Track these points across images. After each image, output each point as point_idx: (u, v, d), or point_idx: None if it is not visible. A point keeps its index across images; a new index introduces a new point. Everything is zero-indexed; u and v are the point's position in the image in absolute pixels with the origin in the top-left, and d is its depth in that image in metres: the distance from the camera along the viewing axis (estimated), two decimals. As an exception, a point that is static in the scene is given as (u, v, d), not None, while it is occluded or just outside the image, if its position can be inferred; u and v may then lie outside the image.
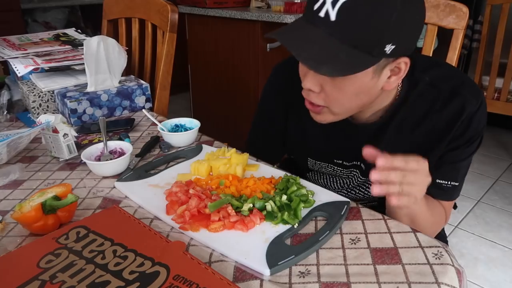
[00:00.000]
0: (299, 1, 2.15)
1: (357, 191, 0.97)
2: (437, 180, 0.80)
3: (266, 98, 0.98)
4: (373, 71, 0.66)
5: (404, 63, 0.68)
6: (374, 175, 0.60)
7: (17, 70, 1.20)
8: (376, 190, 0.59)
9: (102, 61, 1.20)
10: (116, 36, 1.46)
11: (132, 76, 1.36)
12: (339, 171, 0.93)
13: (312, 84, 0.69)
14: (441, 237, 1.02)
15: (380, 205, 0.94)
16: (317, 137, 0.90)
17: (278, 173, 0.84)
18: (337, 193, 0.76)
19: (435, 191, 0.81)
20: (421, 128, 0.79)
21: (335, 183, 0.99)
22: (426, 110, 0.78)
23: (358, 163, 0.89)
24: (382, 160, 0.60)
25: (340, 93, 0.68)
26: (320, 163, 0.95)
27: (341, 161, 0.90)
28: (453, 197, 0.84)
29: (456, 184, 0.81)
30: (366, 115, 0.80)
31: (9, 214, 0.74)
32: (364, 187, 0.96)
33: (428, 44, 1.07)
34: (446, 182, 0.80)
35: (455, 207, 1.08)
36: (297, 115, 0.91)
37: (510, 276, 1.72)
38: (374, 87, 0.69)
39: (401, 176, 0.60)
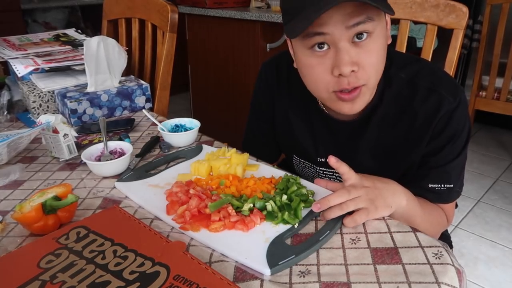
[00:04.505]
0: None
1: None
2: (430, 185, 0.80)
3: (256, 95, 1.00)
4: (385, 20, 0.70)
5: (387, 14, 0.72)
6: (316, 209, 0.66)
7: (17, 70, 1.20)
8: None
9: (102, 61, 1.20)
10: (116, 36, 1.46)
11: (132, 76, 1.36)
12: (321, 172, 0.93)
13: (350, 64, 0.67)
14: (445, 238, 1.02)
15: None
16: (301, 132, 0.91)
17: (278, 173, 0.84)
18: None
19: (430, 196, 0.81)
20: (400, 125, 0.80)
21: None
22: (404, 107, 0.79)
23: None
24: (316, 206, 0.66)
25: (374, 55, 0.69)
26: (304, 162, 0.95)
27: (324, 159, 0.91)
28: (451, 199, 0.83)
29: (451, 186, 0.80)
30: None
31: (9, 214, 0.74)
32: None
33: (428, 44, 1.07)
34: (439, 186, 0.80)
35: (455, 206, 1.09)
36: (283, 109, 0.93)
37: (510, 275, 1.72)
38: (387, 42, 0.72)
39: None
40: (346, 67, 0.66)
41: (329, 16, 0.64)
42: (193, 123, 1.05)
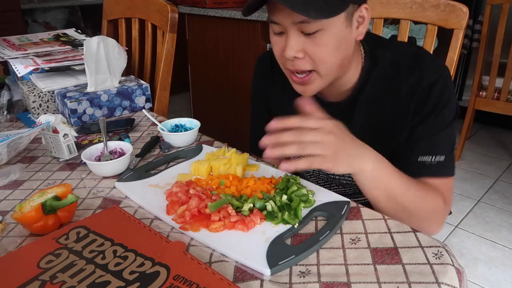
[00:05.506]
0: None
1: (347, 189, 0.98)
2: (419, 159, 0.78)
3: (253, 89, 1.04)
4: (345, 19, 0.72)
5: (365, 9, 0.75)
6: (264, 140, 0.64)
7: (17, 70, 1.20)
8: (267, 154, 0.64)
9: (102, 61, 1.20)
10: (116, 36, 1.46)
11: (132, 76, 1.36)
12: None
13: (295, 51, 0.72)
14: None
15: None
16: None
17: (278, 173, 0.84)
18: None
19: (421, 171, 0.79)
20: (387, 103, 0.82)
21: (324, 183, 1.00)
22: (389, 85, 0.81)
23: None
24: (274, 122, 0.65)
25: (323, 49, 0.72)
26: None
27: None
28: (444, 173, 0.79)
29: (442, 159, 0.78)
30: (335, 92, 0.85)
31: (9, 214, 0.74)
32: (351, 180, 0.95)
33: (428, 44, 1.07)
34: (429, 158, 0.78)
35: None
36: (279, 99, 0.97)
37: (510, 275, 1.72)
38: (350, 37, 0.75)
39: (297, 135, 0.64)
40: (289, 52, 0.72)
41: (280, 8, 0.70)
42: (193, 123, 1.05)
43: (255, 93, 1.04)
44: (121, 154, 0.92)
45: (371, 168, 0.70)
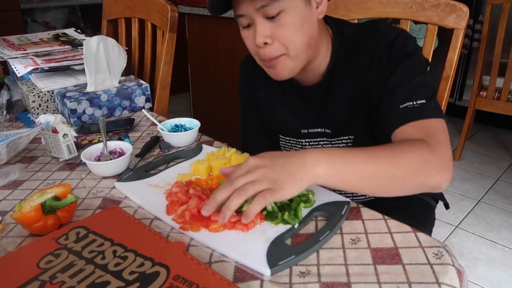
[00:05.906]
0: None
1: None
2: (400, 106, 0.76)
3: (241, 91, 1.06)
4: None
5: None
6: (207, 212, 0.65)
7: (17, 70, 1.20)
8: (222, 221, 0.63)
9: (102, 61, 1.20)
10: (116, 36, 1.46)
11: (132, 76, 1.36)
12: (307, 144, 0.97)
13: (264, 36, 0.76)
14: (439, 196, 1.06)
15: (376, 200, 0.95)
16: (282, 109, 0.98)
17: (278, 173, 0.83)
18: None
19: (406, 116, 0.76)
20: (357, 72, 0.85)
21: None
22: (355, 56, 0.85)
23: (323, 129, 0.94)
24: (204, 209, 0.64)
25: (289, 29, 0.76)
26: (289, 140, 1.00)
27: (307, 130, 0.96)
28: (430, 115, 0.75)
29: (424, 101, 0.75)
30: (311, 76, 0.89)
31: (9, 214, 0.74)
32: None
33: (428, 44, 1.07)
34: (411, 103, 0.76)
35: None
36: (265, 95, 1.00)
37: (511, 275, 1.72)
38: (312, 16, 0.79)
39: (229, 187, 0.63)
40: (259, 39, 0.77)
41: (241, 0, 0.76)
42: (193, 123, 1.05)
43: (243, 96, 1.06)
44: (121, 154, 0.91)
45: (324, 168, 0.63)
